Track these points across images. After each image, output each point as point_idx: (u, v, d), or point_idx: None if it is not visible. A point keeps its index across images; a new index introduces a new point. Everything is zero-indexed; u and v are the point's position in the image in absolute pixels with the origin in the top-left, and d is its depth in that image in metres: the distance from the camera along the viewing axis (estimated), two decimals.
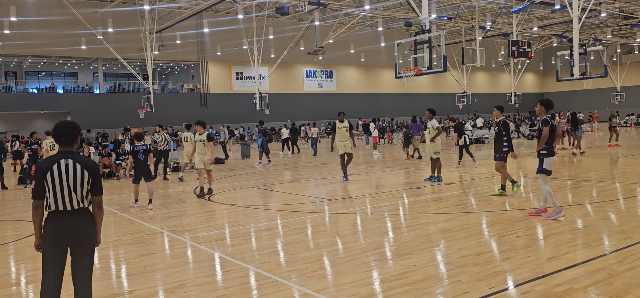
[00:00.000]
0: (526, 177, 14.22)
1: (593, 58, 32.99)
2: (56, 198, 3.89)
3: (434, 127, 13.30)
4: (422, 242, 6.99)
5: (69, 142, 4.03)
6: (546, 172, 8.03)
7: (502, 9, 37.59)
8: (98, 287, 5.62)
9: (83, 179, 3.93)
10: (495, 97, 62.67)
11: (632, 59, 60.20)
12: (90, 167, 3.99)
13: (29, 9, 35.79)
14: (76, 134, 4.07)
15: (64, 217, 3.92)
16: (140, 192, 11.21)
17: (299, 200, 11.57)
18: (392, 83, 52.21)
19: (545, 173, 8.03)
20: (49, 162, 3.93)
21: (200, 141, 12.38)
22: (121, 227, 9.11)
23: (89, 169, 3.97)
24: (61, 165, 3.91)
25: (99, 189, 4.02)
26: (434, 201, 10.60)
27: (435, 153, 13.23)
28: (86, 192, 3.96)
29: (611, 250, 6.22)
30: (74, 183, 3.90)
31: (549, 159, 8.01)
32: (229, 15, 41.89)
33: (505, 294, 4.91)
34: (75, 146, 4.07)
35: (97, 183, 4.01)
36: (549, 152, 8.01)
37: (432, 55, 18.03)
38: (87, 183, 3.95)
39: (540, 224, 7.80)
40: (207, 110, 45.75)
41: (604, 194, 10.49)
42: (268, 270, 5.95)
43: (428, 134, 13.49)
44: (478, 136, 31.11)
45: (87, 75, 48.63)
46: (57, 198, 3.89)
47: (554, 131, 8.07)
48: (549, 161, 8.02)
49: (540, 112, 8.17)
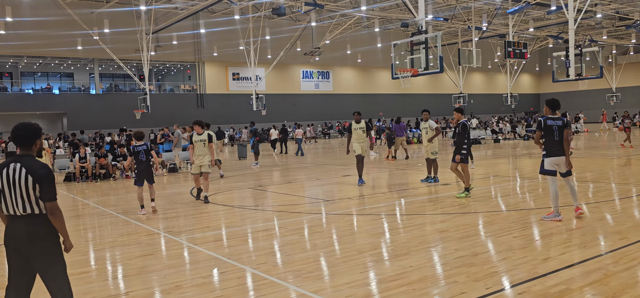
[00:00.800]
0: (522, 177, 14.26)
1: (589, 59, 33.12)
2: (6, 203, 3.78)
3: (431, 128, 13.25)
4: (419, 242, 6.99)
5: (26, 145, 3.88)
6: (546, 173, 8.02)
7: (498, 10, 37.68)
8: (94, 288, 5.61)
9: (28, 184, 3.73)
10: (491, 98, 62.88)
11: (628, 60, 60.44)
12: (36, 172, 3.75)
13: (25, 9, 35.65)
14: (34, 136, 3.90)
15: (16, 222, 3.79)
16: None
17: (296, 200, 11.57)
18: (388, 84, 52.25)
19: (547, 174, 8.02)
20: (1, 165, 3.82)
21: (200, 142, 11.54)
22: (117, 228, 9.09)
23: (34, 174, 3.74)
24: (10, 169, 3.76)
25: (48, 195, 3.76)
26: (430, 202, 10.61)
27: (433, 154, 13.16)
28: (35, 198, 3.76)
29: (607, 251, 6.24)
30: (20, 189, 3.73)
31: (548, 160, 7.97)
32: (226, 16, 41.84)
33: (502, 294, 4.92)
34: (34, 149, 3.91)
35: (45, 189, 3.76)
36: (548, 152, 7.96)
37: (428, 56, 18.04)
38: (33, 189, 3.74)
39: (536, 225, 7.82)
40: (204, 111, 45.67)
41: (600, 195, 10.53)
42: (265, 271, 5.94)
43: (425, 134, 13.45)
44: (475, 137, 31.14)
45: (83, 75, 48.49)
46: (7, 202, 3.78)
47: (551, 132, 7.91)
48: (548, 162, 7.97)
49: (546, 112, 8.13)
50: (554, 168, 7.98)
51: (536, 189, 11.81)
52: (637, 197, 10.18)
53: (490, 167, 17.40)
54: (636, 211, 8.58)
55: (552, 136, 7.91)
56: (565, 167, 7.96)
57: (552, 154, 7.92)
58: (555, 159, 7.93)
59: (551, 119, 7.97)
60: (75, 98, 42.88)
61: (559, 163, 7.94)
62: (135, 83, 39.76)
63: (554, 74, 31.26)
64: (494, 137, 32.92)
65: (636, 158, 18.18)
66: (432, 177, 13.26)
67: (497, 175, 14.71)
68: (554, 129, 7.91)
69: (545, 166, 8.00)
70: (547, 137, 7.94)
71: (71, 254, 7.12)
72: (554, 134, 7.90)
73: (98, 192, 14.84)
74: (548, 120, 7.96)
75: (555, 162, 7.94)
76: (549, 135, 7.93)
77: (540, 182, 13.08)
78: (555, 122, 7.93)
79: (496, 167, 17.24)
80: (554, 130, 7.91)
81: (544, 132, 7.95)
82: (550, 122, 7.94)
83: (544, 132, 7.95)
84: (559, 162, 7.93)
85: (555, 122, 7.94)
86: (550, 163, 7.96)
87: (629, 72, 60.78)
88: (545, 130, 7.94)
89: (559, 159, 7.92)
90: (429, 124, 13.33)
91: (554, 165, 7.97)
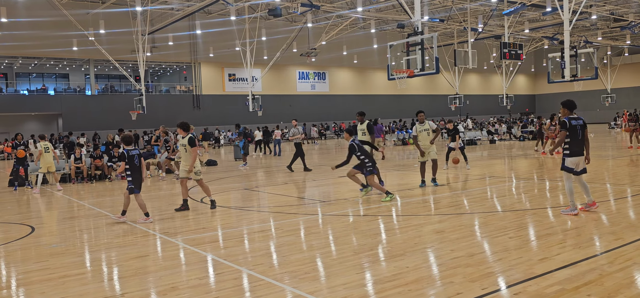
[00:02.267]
0: (518, 178, 14.30)
1: (584, 60, 33.22)
2: None
3: (432, 129, 12.77)
4: (415, 243, 7.00)
5: None
6: (568, 170, 8.27)
7: (493, 11, 37.79)
8: (90, 289, 5.60)
9: None
10: (487, 99, 63.04)
11: (622, 61, 60.71)
12: None
13: (20, 10, 35.51)
14: None
15: None
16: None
17: (292, 201, 11.56)
18: (384, 84, 52.30)
19: (567, 171, 8.28)
20: None
21: (182, 146, 10.42)
22: (113, 229, 9.06)
23: None
24: None
25: None
26: (426, 203, 10.63)
27: (435, 154, 12.64)
28: None
29: (602, 251, 6.27)
30: None
31: (570, 159, 8.23)
32: (222, 17, 41.80)
33: (498, 295, 4.94)
34: None
35: None
36: (572, 151, 8.22)
37: (424, 57, 18.08)
38: None
39: (532, 225, 7.85)
40: (200, 111, 45.63)
41: (595, 195, 10.56)
42: (261, 272, 5.94)
43: (427, 136, 12.76)
44: (470, 137, 31.22)
45: (79, 76, 48.33)
46: None
47: (575, 131, 8.16)
48: (570, 160, 8.24)
49: (565, 114, 8.38)
50: (574, 167, 8.27)
51: (532, 190, 11.84)
52: (633, 198, 10.22)
53: (486, 167, 17.44)
54: (631, 211, 8.61)
55: (576, 136, 8.21)
56: (583, 165, 8.33)
57: (576, 154, 8.23)
58: (577, 159, 8.24)
59: (574, 119, 8.27)
60: (71, 99, 42.74)
61: (579, 162, 8.27)
62: (131, 84, 39.65)
63: (550, 75, 31.37)
64: (489, 137, 33.00)
65: (627, 160, 18.25)
66: (433, 178, 12.81)
67: (493, 176, 14.74)
68: (578, 128, 8.21)
69: (567, 164, 8.28)
70: (572, 137, 8.22)
71: (67, 256, 7.12)
72: (578, 133, 8.21)
73: (93, 193, 14.81)
74: (572, 120, 8.23)
75: (578, 160, 8.25)
76: (573, 135, 8.21)
77: (535, 182, 13.13)
78: (578, 122, 8.26)
79: (492, 168, 17.29)
80: (578, 130, 8.21)
81: (569, 132, 8.21)
82: (574, 122, 8.23)
83: (569, 132, 8.21)
84: (580, 160, 8.27)
85: (577, 121, 8.25)
86: (572, 162, 8.26)
87: (623, 73, 61.06)
88: (570, 130, 8.20)
89: (580, 158, 8.26)
90: (429, 125, 12.89)
91: (575, 164, 8.26)
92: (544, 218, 8.34)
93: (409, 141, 34.11)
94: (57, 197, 14.15)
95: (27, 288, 5.81)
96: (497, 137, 34.36)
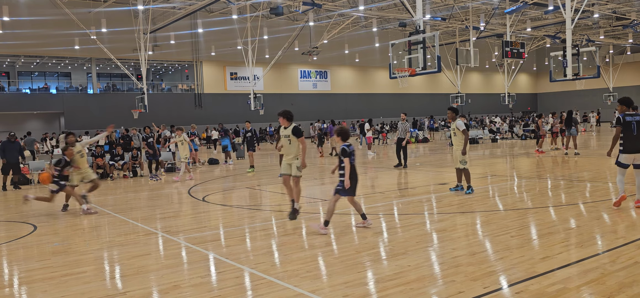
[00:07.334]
0: (519, 177, 14.28)
1: (586, 59, 33.21)
2: None
3: (460, 129, 10.85)
4: (417, 242, 7.00)
5: None
6: (621, 166, 8.42)
7: (495, 9, 37.73)
8: (92, 288, 5.60)
9: None
10: (489, 98, 62.98)
11: (624, 60, 60.62)
12: None
13: (22, 9, 35.57)
14: None
15: None
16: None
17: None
18: (386, 83, 52.29)
19: (620, 166, 8.43)
20: None
21: (285, 137, 9.28)
22: (115, 227, 9.08)
23: None
24: None
25: None
26: (427, 201, 10.62)
27: (462, 163, 10.93)
28: None
29: (604, 250, 6.26)
30: None
31: (624, 155, 8.34)
32: (223, 16, 41.83)
33: (499, 294, 4.93)
34: None
35: None
36: (626, 148, 8.29)
37: (426, 56, 18.08)
38: None
39: (533, 224, 7.83)
40: (202, 110, 45.67)
41: (597, 194, 10.55)
42: (263, 270, 5.94)
43: (454, 137, 11.10)
44: (472, 136, 31.15)
45: (81, 75, 48.39)
46: None
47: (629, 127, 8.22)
48: (624, 156, 8.34)
49: (621, 110, 8.44)
50: (628, 163, 8.36)
51: (533, 189, 11.83)
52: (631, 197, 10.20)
53: (488, 166, 17.42)
54: (632, 210, 8.59)
55: (631, 131, 8.23)
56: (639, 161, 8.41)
57: (630, 150, 8.27)
58: (632, 155, 8.28)
59: (629, 115, 8.30)
60: (73, 98, 42.80)
61: (635, 157, 8.30)
62: (133, 82, 39.68)
63: (552, 73, 31.29)
64: (491, 136, 32.96)
65: None
66: (459, 184, 11.35)
67: (495, 175, 14.72)
68: (633, 124, 8.23)
69: (621, 160, 8.38)
70: (626, 133, 8.26)
71: (68, 254, 7.13)
72: (632, 129, 8.23)
73: (95, 192, 14.80)
74: (627, 116, 8.27)
75: (632, 157, 8.29)
76: (628, 131, 8.25)
77: (537, 181, 13.11)
78: (634, 118, 8.27)
79: (494, 167, 17.27)
80: (632, 126, 8.23)
81: (623, 128, 8.26)
82: (629, 118, 8.26)
83: (623, 128, 8.26)
84: (636, 157, 8.29)
85: (633, 117, 8.27)
86: (626, 158, 8.33)
87: (626, 71, 60.96)
88: (624, 126, 8.25)
89: (635, 155, 8.29)
90: (457, 125, 10.88)
91: (630, 160, 8.32)
92: (546, 217, 8.32)
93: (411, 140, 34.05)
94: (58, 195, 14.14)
95: (29, 286, 5.82)
96: (499, 135, 34.32)
